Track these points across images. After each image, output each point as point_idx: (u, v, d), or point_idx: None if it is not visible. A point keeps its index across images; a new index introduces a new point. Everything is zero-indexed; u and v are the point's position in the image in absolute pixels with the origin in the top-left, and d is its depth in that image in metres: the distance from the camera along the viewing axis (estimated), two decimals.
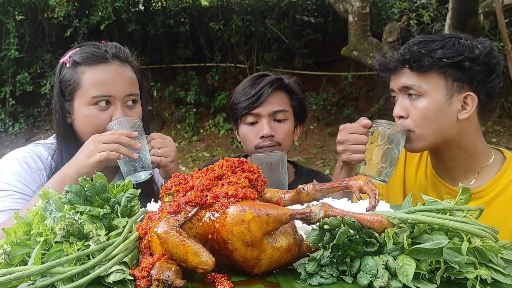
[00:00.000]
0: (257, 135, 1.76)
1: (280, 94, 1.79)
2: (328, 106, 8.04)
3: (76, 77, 1.50)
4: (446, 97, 1.40)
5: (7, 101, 7.95)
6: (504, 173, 1.47)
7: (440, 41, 1.41)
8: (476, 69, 1.39)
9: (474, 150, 1.49)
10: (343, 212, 0.86)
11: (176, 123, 8.18)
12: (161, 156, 1.45)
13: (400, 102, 1.46)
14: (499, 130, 7.72)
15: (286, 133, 1.78)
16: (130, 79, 1.55)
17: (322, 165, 6.67)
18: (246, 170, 0.95)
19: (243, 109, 1.77)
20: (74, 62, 1.52)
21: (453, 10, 4.55)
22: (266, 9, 8.19)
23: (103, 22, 7.33)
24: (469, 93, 1.42)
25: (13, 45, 7.44)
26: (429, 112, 1.41)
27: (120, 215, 0.97)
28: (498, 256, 0.84)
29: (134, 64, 1.59)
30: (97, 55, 1.52)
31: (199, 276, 0.86)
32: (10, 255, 0.86)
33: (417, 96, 1.42)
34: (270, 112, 1.76)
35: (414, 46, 1.42)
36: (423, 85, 1.40)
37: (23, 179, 1.47)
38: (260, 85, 1.77)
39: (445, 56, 1.37)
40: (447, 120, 1.42)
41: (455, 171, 1.52)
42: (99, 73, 1.49)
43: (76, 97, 1.50)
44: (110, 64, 1.52)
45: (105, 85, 1.48)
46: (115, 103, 1.49)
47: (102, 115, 1.48)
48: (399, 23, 5.72)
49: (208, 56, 8.38)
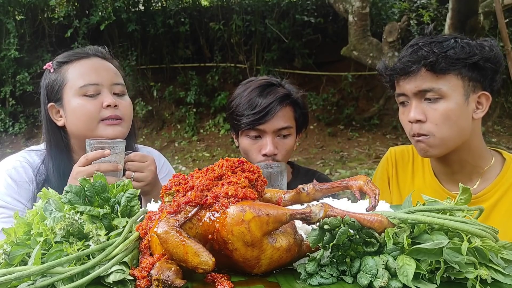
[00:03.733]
0: (259, 151, 1.69)
1: (287, 109, 1.72)
2: (328, 106, 8.04)
3: (61, 75, 1.54)
4: (464, 98, 1.39)
5: (7, 101, 7.95)
6: (505, 175, 1.47)
7: (447, 41, 1.40)
8: (489, 68, 1.39)
9: (480, 152, 1.48)
10: (343, 212, 0.85)
11: (176, 123, 8.18)
12: (133, 181, 1.41)
13: (416, 105, 1.41)
14: (499, 130, 7.72)
15: (288, 149, 1.73)
16: (114, 70, 1.59)
17: (322, 165, 6.67)
18: (246, 170, 0.95)
19: (247, 124, 1.68)
20: (57, 63, 1.55)
21: (453, 10, 4.54)
22: (266, 9, 8.19)
23: (103, 22, 7.34)
24: (483, 92, 1.41)
25: (13, 45, 7.45)
26: (451, 114, 1.38)
27: (120, 215, 0.97)
28: (498, 256, 0.84)
29: (115, 62, 1.63)
30: (78, 52, 1.58)
31: (199, 276, 0.85)
32: (10, 255, 0.86)
33: (436, 99, 1.38)
34: (275, 129, 1.69)
35: (425, 47, 1.39)
36: (443, 87, 1.37)
37: (13, 192, 1.47)
38: (267, 99, 1.67)
39: (463, 57, 1.36)
40: (466, 121, 1.41)
41: (461, 175, 1.50)
42: (83, 66, 1.54)
43: (64, 93, 1.53)
44: (92, 58, 1.57)
45: (91, 74, 1.52)
46: (103, 91, 1.52)
47: (92, 103, 1.50)
48: (399, 23, 5.72)
49: (208, 56, 8.39)
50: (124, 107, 1.56)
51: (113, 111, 1.51)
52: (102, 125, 1.51)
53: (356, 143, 7.49)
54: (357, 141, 7.54)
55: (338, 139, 7.66)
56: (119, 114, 1.53)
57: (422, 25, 7.70)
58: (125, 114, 1.56)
